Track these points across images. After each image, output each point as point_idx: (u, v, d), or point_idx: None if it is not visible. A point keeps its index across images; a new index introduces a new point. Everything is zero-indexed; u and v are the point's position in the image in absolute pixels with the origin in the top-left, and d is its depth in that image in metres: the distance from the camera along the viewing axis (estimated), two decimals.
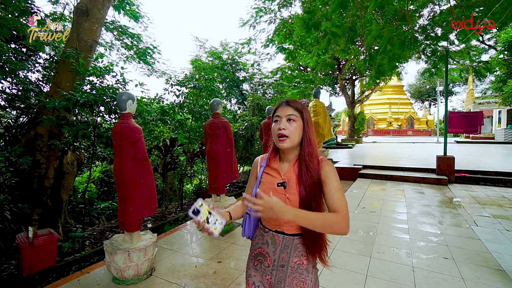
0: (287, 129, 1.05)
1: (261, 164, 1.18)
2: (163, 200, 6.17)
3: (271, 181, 1.10)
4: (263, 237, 1.11)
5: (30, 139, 4.12)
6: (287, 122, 1.06)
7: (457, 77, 11.48)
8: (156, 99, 5.89)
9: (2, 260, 3.64)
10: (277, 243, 1.08)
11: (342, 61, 15.57)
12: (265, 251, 1.10)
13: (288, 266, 1.06)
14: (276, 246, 1.08)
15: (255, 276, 1.13)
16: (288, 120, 1.06)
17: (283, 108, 1.08)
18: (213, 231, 0.92)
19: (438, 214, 4.28)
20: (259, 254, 1.12)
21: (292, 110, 1.07)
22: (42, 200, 4.03)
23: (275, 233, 1.09)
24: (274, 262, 1.08)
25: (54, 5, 7.51)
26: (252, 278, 1.13)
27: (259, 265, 1.12)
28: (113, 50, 9.32)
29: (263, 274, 1.11)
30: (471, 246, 3.10)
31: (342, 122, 34.41)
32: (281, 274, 1.07)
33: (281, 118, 1.07)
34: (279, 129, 1.05)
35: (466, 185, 6.34)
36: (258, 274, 1.12)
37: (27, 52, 5.53)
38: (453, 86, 39.33)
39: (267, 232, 1.11)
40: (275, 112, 1.10)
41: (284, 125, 1.05)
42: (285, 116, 1.06)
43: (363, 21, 5.40)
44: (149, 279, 2.64)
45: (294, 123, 1.06)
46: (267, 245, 1.09)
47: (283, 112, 1.07)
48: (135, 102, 2.77)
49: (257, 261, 1.12)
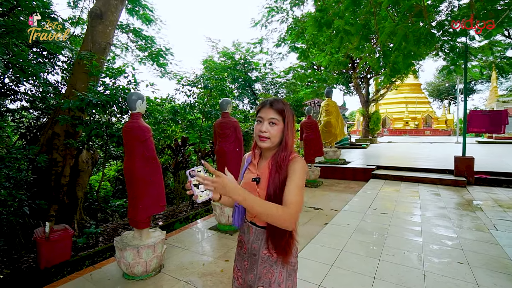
0: (268, 131, 1.10)
1: (247, 160, 1.27)
2: (175, 198, 6.28)
3: (250, 177, 1.19)
4: (243, 226, 1.23)
5: (48, 139, 4.30)
6: (269, 125, 1.11)
7: (478, 74, 10.97)
8: (168, 99, 6.00)
9: (22, 253, 3.83)
10: (251, 233, 1.19)
11: (356, 60, 15.26)
12: (243, 239, 1.22)
13: (259, 256, 1.16)
14: (250, 235, 1.19)
15: (238, 260, 1.26)
16: (270, 123, 1.11)
17: (266, 110, 1.13)
18: (197, 195, 0.93)
19: (455, 216, 4.11)
20: (240, 241, 1.25)
21: (274, 113, 1.11)
22: (59, 197, 4.20)
23: (250, 223, 1.20)
24: (248, 250, 1.19)
25: (73, 9, 7.82)
26: (236, 261, 1.27)
27: (239, 250, 1.25)
28: (129, 51, 9.59)
29: (241, 259, 1.24)
30: (489, 251, 2.95)
31: (356, 122, 33.76)
32: (253, 262, 1.17)
33: (264, 120, 1.12)
34: (261, 131, 1.11)
35: (486, 187, 6.06)
36: (239, 258, 1.25)
37: (47, 55, 5.79)
38: (475, 84, 37.64)
39: (245, 222, 1.22)
40: (259, 111, 1.16)
41: (266, 128, 1.11)
42: (267, 119, 1.11)
43: (378, 18, 5.27)
44: (158, 276, 2.69)
45: (275, 126, 1.12)
46: (244, 234, 1.22)
47: (266, 115, 1.12)
48: (145, 102, 2.83)
49: (239, 247, 1.26)
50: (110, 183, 7.59)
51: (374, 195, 5.43)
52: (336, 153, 8.79)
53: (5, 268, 3.43)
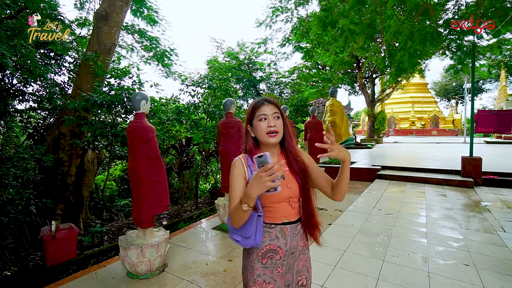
0: (276, 125, 1.13)
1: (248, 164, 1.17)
2: (180, 198, 6.32)
3: None
4: (270, 234, 1.13)
5: (55, 139, 4.37)
6: (275, 120, 1.14)
7: (486, 74, 10.79)
8: (172, 99, 6.03)
9: (29, 251, 3.90)
10: (287, 234, 1.14)
11: (361, 59, 15.15)
12: (276, 245, 1.13)
13: (297, 251, 1.17)
14: (286, 237, 1.14)
15: (265, 274, 1.13)
16: (275, 118, 1.14)
17: (267, 107, 1.14)
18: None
19: (461, 218, 4.05)
20: (269, 251, 1.13)
21: (275, 108, 1.15)
22: (65, 196, 4.26)
23: (282, 225, 1.14)
24: (286, 252, 1.14)
25: (79, 11, 7.92)
26: (262, 277, 1.13)
27: (269, 261, 1.14)
28: (134, 52, 9.69)
29: (273, 268, 1.14)
30: (496, 253, 2.90)
31: (361, 122, 33.49)
32: (291, 260, 1.16)
33: (268, 116, 1.13)
34: (270, 126, 1.12)
35: (494, 188, 5.95)
36: (267, 271, 1.14)
37: (54, 56, 5.88)
38: (483, 83, 37.03)
39: (273, 228, 1.13)
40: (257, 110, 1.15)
41: (274, 122, 1.13)
42: (271, 114, 1.14)
43: (383, 17, 5.21)
44: (161, 275, 2.70)
45: (279, 120, 1.15)
46: (277, 240, 1.13)
47: (269, 111, 1.14)
48: (149, 102, 2.85)
49: (267, 258, 1.13)
50: (116, 182, 7.67)
51: (379, 196, 5.38)
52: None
53: (13, 266, 3.50)
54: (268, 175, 0.88)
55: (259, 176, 0.89)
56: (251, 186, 0.92)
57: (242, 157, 1.19)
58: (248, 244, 1.11)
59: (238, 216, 1.04)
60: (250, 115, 1.17)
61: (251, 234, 1.09)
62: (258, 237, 1.10)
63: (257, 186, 0.90)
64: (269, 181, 0.88)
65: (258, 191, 0.91)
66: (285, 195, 1.12)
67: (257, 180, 0.90)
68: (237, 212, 1.03)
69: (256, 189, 0.91)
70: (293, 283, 1.19)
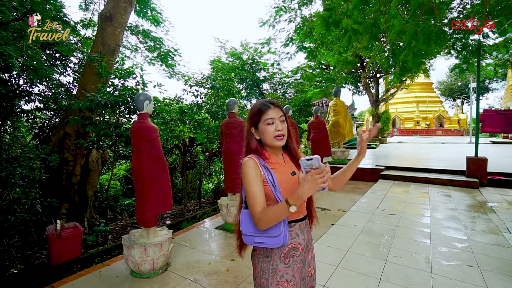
0: (283, 129, 1.17)
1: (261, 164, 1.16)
2: (183, 198, 6.35)
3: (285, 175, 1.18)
4: (291, 232, 1.15)
5: (60, 138, 4.43)
6: (281, 123, 1.18)
7: (492, 73, 10.64)
8: (176, 99, 6.07)
9: (35, 249, 3.95)
10: (304, 230, 1.20)
11: (365, 59, 15.07)
12: (297, 243, 1.16)
13: (310, 245, 1.25)
14: (304, 232, 1.20)
15: (288, 274, 1.14)
16: (281, 121, 1.18)
17: (273, 111, 1.17)
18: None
19: (466, 218, 4.01)
20: (291, 250, 1.15)
21: (281, 111, 1.19)
22: (70, 196, 4.32)
23: (299, 222, 1.19)
24: (304, 247, 1.19)
25: (84, 12, 8.00)
26: (285, 276, 1.13)
27: (290, 260, 1.15)
28: (138, 52, 9.76)
29: (294, 266, 1.15)
30: (501, 255, 2.86)
31: (365, 122, 33.30)
32: (306, 254, 1.22)
33: (275, 120, 1.16)
34: (278, 130, 1.16)
35: (500, 188, 5.88)
36: (289, 269, 1.14)
37: (60, 57, 5.95)
38: (490, 82, 36.54)
39: (293, 226, 1.16)
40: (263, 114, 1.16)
41: (281, 126, 1.17)
42: (278, 118, 1.17)
43: (387, 16, 5.18)
44: (164, 274, 2.72)
45: (285, 123, 1.20)
46: (297, 237, 1.17)
47: (276, 115, 1.16)
48: (152, 102, 2.88)
49: (289, 257, 1.14)
50: (120, 182, 7.73)
51: (382, 196, 5.35)
52: (344, 153, 8.70)
53: (19, 264, 3.55)
54: (322, 177, 0.93)
55: (313, 178, 0.94)
56: (304, 188, 0.95)
57: (252, 157, 1.17)
58: (276, 243, 1.09)
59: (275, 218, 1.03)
60: (256, 118, 1.17)
61: (280, 233, 1.08)
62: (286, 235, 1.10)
63: (309, 187, 0.95)
64: (321, 183, 0.94)
65: (310, 192, 0.96)
66: None
67: (311, 182, 0.94)
68: (275, 215, 1.03)
69: (309, 190, 0.95)
70: (306, 275, 1.25)
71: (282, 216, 1.02)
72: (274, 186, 1.12)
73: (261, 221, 1.05)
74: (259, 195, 1.09)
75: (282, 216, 1.02)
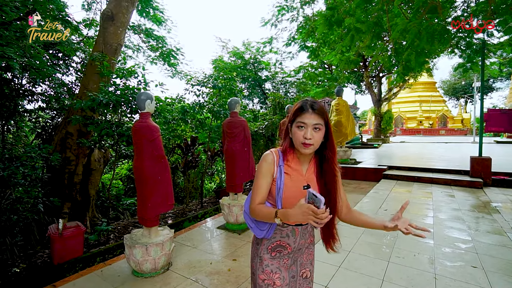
0: (313, 138, 1.06)
1: (279, 163, 1.15)
2: (185, 197, 6.35)
3: (296, 183, 1.14)
4: (282, 231, 1.19)
5: (62, 138, 4.44)
6: (313, 131, 1.06)
7: (497, 72, 10.53)
8: (177, 99, 6.06)
9: (37, 249, 3.97)
10: (297, 234, 1.21)
11: (368, 58, 14.99)
12: (286, 242, 1.20)
13: (303, 247, 1.26)
14: (296, 236, 1.21)
15: (273, 264, 1.20)
16: (315, 129, 1.07)
17: (310, 116, 1.06)
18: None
19: (469, 219, 3.97)
20: (279, 246, 1.20)
21: (318, 118, 1.07)
22: (72, 195, 4.33)
23: (294, 226, 1.20)
24: (293, 249, 1.22)
25: (87, 12, 8.02)
26: (270, 267, 1.19)
27: (277, 254, 1.21)
28: (140, 52, 9.77)
29: (280, 260, 1.21)
30: (506, 255, 2.83)
31: (368, 121, 33.16)
32: (297, 254, 1.26)
33: (307, 126, 1.06)
34: (305, 138, 1.06)
35: (505, 189, 5.82)
36: (275, 262, 1.20)
37: (62, 57, 5.97)
38: (494, 82, 36.23)
39: (285, 227, 1.19)
40: (298, 116, 1.09)
41: (310, 135, 1.06)
42: (311, 125, 1.06)
43: (390, 15, 5.14)
44: (166, 273, 2.72)
45: (319, 132, 1.08)
46: (287, 238, 1.20)
47: (310, 120, 1.06)
48: (154, 101, 2.87)
49: (276, 251, 1.20)
50: (122, 181, 7.75)
51: (385, 196, 5.32)
52: (347, 153, 8.67)
53: (22, 263, 3.56)
54: (314, 218, 0.91)
55: (307, 213, 0.91)
56: (295, 214, 0.95)
57: (275, 152, 1.17)
58: (259, 234, 1.21)
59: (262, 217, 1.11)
60: (293, 116, 1.11)
61: (265, 229, 1.19)
62: (270, 232, 1.19)
63: (299, 217, 0.94)
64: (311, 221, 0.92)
65: (298, 220, 0.95)
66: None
67: (304, 214, 0.92)
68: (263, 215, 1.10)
69: (298, 218, 0.95)
70: (297, 275, 1.27)
71: (269, 220, 1.08)
72: (278, 190, 1.13)
73: (253, 213, 1.14)
74: (261, 189, 1.15)
75: (269, 220, 1.08)
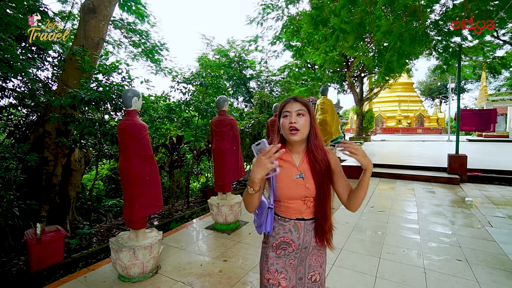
0: (297, 122, 1.14)
1: None
2: (170, 197, 6.19)
3: (288, 174, 1.18)
4: (284, 227, 1.20)
5: (39, 137, 4.16)
6: (297, 117, 1.15)
7: (470, 74, 11.12)
8: (163, 96, 5.88)
9: (11, 256, 3.70)
10: (300, 229, 1.19)
11: (350, 59, 15.32)
12: (289, 238, 1.19)
13: (310, 246, 1.21)
14: (299, 231, 1.19)
15: (278, 264, 1.20)
16: (298, 115, 1.15)
17: (292, 104, 1.17)
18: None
19: (450, 214, 4.15)
20: (283, 243, 1.20)
21: (300, 105, 1.16)
22: (50, 197, 4.07)
23: (296, 220, 1.19)
24: (298, 246, 1.19)
25: (63, 4, 7.59)
26: (275, 266, 1.20)
27: (282, 252, 1.20)
28: (121, 48, 9.39)
29: (286, 259, 1.20)
30: (486, 248, 2.98)
31: (350, 120, 34.01)
32: (304, 254, 1.22)
33: (291, 113, 1.15)
34: (290, 122, 1.13)
35: (479, 184, 6.16)
36: (280, 261, 1.20)
37: (37, 50, 5.60)
38: (465, 83, 38.36)
39: (287, 222, 1.19)
40: (283, 108, 1.19)
41: (295, 119, 1.14)
42: (294, 111, 1.15)
43: (373, 17, 5.25)
44: (155, 277, 2.62)
45: (303, 117, 1.15)
46: (290, 233, 1.19)
47: (292, 107, 1.16)
48: (141, 99, 2.75)
49: (280, 249, 1.20)
50: (103, 182, 7.44)
51: (370, 193, 5.45)
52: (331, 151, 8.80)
53: None
54: (267, 158, 0.97)
55: (259, 159, 0.98)
56: (253, 171, 1.01)
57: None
58: (260, 230, 1.24)
59: (246, 200, 1.15)
60: (279, 111, 1.21)
61: (263, 222, 1.21)
62: (269, 226, 1.20)
63: (258, 169, 0.99)
64: (268, 163, 0.97)
65: (259, 174, 1.00)
66: (301, 194, 1.16)
67: (258, 163, 0.99)
68: (245, 196, 1.15)
69: (257, 172, 1.00)
70: (305, 277, 1.24)
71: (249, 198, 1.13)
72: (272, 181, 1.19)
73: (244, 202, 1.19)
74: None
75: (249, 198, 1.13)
